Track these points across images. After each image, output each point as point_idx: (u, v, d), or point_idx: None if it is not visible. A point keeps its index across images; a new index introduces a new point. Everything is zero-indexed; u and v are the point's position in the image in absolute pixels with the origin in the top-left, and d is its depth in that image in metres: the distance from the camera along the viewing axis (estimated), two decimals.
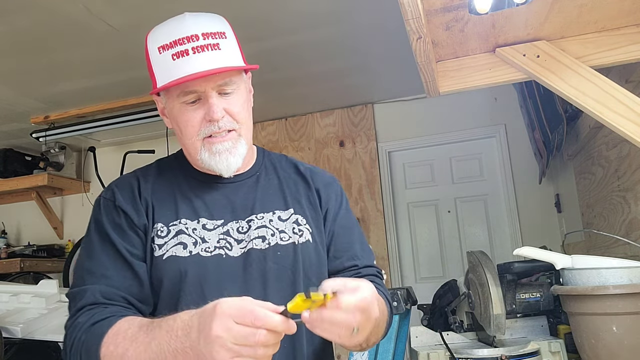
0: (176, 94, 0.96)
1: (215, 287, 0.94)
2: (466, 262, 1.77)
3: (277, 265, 0.98)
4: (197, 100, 0.97)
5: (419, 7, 1.04)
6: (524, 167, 3.35)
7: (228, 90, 0.98)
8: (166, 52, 0.95)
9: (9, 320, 2.31)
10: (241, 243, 0.99)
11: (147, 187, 1.03)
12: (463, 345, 1.70)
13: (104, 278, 0.93)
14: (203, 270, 0.95)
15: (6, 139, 3.73)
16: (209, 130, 0.97)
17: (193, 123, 0.97)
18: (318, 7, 2.24)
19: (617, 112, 1.25)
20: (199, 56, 0.93)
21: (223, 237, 0.99)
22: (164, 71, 0.95)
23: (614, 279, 1.30)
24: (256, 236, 0.99)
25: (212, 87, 0.95)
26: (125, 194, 1.01)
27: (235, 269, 0.97)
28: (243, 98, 1.01)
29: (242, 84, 1.01)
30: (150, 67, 0.99)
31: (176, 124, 1.01)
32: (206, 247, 0.97)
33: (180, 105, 0.97)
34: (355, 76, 3.16)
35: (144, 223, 0.98)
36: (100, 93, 3.05)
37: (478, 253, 1.65)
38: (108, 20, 2.21)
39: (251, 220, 1.01)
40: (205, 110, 0.96)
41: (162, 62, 0.96)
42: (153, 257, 0.96)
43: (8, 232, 4.11)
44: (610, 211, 2.03)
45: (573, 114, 2.23)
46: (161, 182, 1.05)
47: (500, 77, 1.41)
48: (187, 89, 0.95)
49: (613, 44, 1.32)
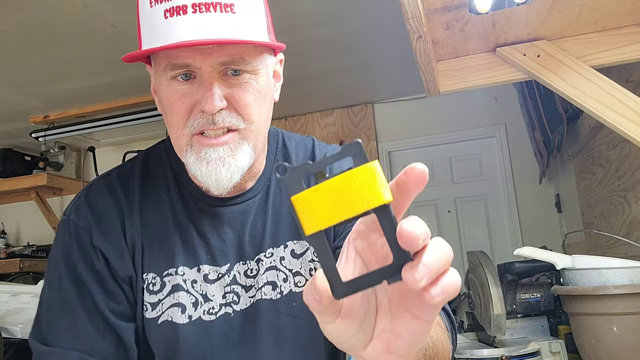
0: (162, 65, 0.68)
1: (221, 354, 0.76)
2: (466, 262, 1.77)
3: (292, 319, 0.77)
4: (191, 78, 0.69)
5: (419, 7, 1.04)
6: (524, 167, 3.35)
7: (239, 69, 0.69)
8: (158, 6, 0.66)
9: (8, 320, 2.30)
10: (250, 290, 0.78)
11: (134, 215, 0.77)
12: (463, 345, 1.70)
13: (85, 342, 0.71)
14: (206, 338, 0.75)
15: (5, 138, 3.72)
16: (199, 123, 0.68)
17: (179, 109, 0.69)
18: (317, 6, 2.24)
19: (617, 112, 1.24)
20: (200, 17, 0.64)
21: (229, 288, 0.77)
22: (150, 32, 0.67)
23: (615, 279, 1.30)
24: (265, 282, 0.78)
25: (213, 65, 0.67)
26: (104, 227, 0.75)
27: (243, 328, 0.77)
28: (260, 87, 0.71)
29: (262, 67, 0.72)
30: (138, 28, 0.70)
31: (162, 105, 0.73)
32: (209, 309, 0.76)
33: (169, 82, 0.69)
34: (355, 76, 3.16)
35: (130, 275, 0.75)
36: (100, 93, 3.05)
37: (478, 253, 1.65)
38: (108, 19, 2.21)
39: (260, 259, 0.79)
40: (199, 94, 0.68)
41: (151, 19, 0.67)
42: (144, 317, 0.75)
43: (7, 232, 4.11)
44: (610, 211, 2.02)
45: (573, 114, 2.23)
46: (150, 204, 0.78)
47: (500, 76, 1.41)
48: (176, 60, 0.67)
49: (613, 44, 1.31)
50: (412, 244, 0.33)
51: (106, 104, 3.20)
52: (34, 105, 3.17)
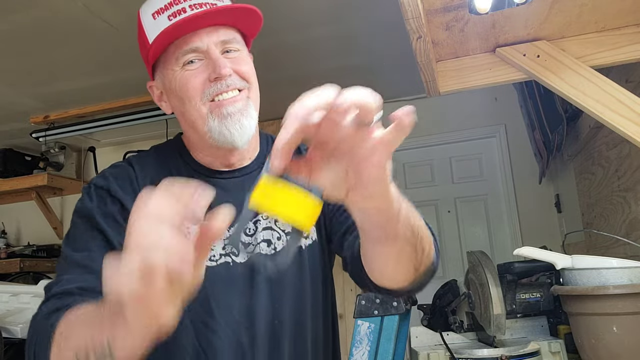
0: (174, 56, 0.85)
1: (222, 300, 0.86)
2: (466, 262, 1.77)
3: (283, 273, 0.90)
4: (198, 62, 0.85)
5: (419, 7, 1.04)
6: (524, 167, 3.35)
7: (231, 48, 0.87)
8: (161, 16, 0.84)
9: (9, 320, 2.31)
10: (248, 247, 0.90)
11: (146, 179, 0.91)
12: (463, 345, 1.70)
13: (90, 271, 0.78)
14: (209, 282, 0.84)
15: (6, 138, 3.72)
16: (215, 90, 0.84)
17: (195, 84, 0.84)
18: (317, 6, 2.24)
19: (617, 112, 1.25)
20: (197, 12, 0.83)
21: (228, 242, 0.89)
22: (158, 32, 0.84)
23: (614, 279, 1.30)
24: (262, 239, 0.90)
25: (216, 43, 0.85)
26: (121, 183, 0.89)
27: (242, 277, 0.88)
28: (249, 62, 0.91)
29: (245, 49, 0.91)
30: (145, 39, 0.87)
31: (175, 96, 0.88)
32: (211, 256, 0.87)
33: (180, 71, 0.85)
34: (355, 76, 3.16)
35: None
36: (100, 93, 3.05)
37: (478, 253, 1.65)
38: (108, 19, 2.21)
39: (257, 220, 0.92)
40: (210, 70, 0.84)
41: (157, 26, 0.84)
42: None
43: (8, 232, 4.11)
44: (610, 211, 2.02)
45: (573, 114, 2.23)
46: (160, 173, 0.91)
47: (500, 77, 1.41)
48: (187, 45, 0.83)
49: (613, 44, 1.31)
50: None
51: (106, 104, 3.20)
52: (34, 106, 3.17)
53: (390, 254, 0.68)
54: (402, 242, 0.65)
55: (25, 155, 3.91)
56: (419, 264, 0.71)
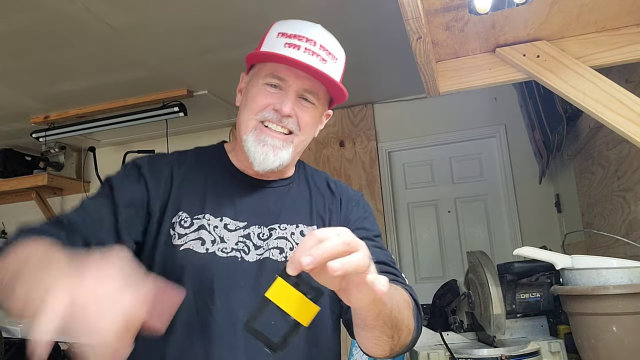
0: (264, 73, 0.98)
1: (224, 289, 0.93)
2: (466, 262, 1.77)
3: None
4: (278, 89, 0.97)
5: (419, 7, 1.04)
6: (524, 167, 3.35)
7: (308, 99, 0.99)
8: (282, 38, 0.97)
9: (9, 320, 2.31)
10: (259, 249, 0.97)
11: (181, 170, 1.02)
12: (463, 345, 1.70)
13: (68, 232, 0.87)
14: (216, 269, 0.93)
15: (6, 139, 3.72)
16: (269, 116, 0.96)
17: (260, 101, 0.97)
18: (317, 5, 2.24)
19: (617, 112, 1.25)
20: (306, 55, 0.95)
21: (242, 239, 0.97)
22: (271, 49, 0.97)
23: (614, 279, 1.30)
24: (274, 246, 0.98)
25: (298, 86, 0.96)
26: (156, 167, 1.00)
27: (247, 274, 0.95)
28: (315, 117, 1.02)
29: (320, 107, 1.02)
30: (261, 43, 1.01)
31: (246, 97, 1.01)
32: (223, 248, 0.95)
33: (261, 86, 0.98)
34: (355, 76, 3.16)
35: (159, 202, 0.96)
36: (100, 93, 3.05)
37: (478, 253, 1.65)
38: (108, 20, 2.21)
39: (274, 228, 1.00)
40: (278, 100, 0.96)
41: (273, 44, 0.97)
42: (171, 243, 0.95)
43: (8, 232, 4.11)
44: (610, 211, 2.03)
45: (573, 114, 2.23)
46: (196, 169, 1.03)
47: (500, 77, 1.41)
48: (277, 72, 0.96)
49: (613, 44, 1.31)
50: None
51: (106, 104, 3.20)
52: (35, 106, 3.17)
53: (368, 337, 0.82)
54: (378, 332, 0.78)
55: (26, 155, 3.91)
56: (395, 346, 0.84)
